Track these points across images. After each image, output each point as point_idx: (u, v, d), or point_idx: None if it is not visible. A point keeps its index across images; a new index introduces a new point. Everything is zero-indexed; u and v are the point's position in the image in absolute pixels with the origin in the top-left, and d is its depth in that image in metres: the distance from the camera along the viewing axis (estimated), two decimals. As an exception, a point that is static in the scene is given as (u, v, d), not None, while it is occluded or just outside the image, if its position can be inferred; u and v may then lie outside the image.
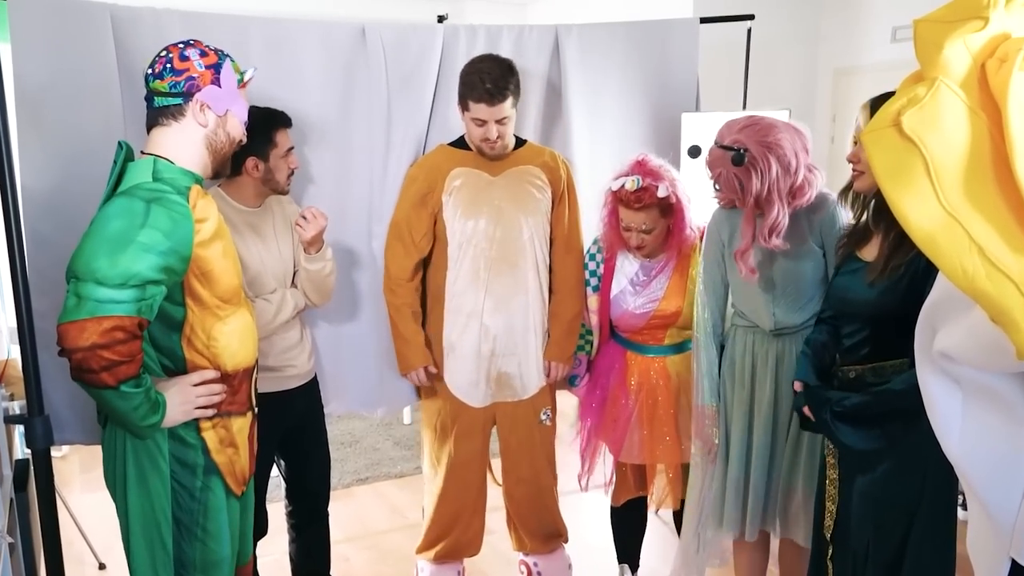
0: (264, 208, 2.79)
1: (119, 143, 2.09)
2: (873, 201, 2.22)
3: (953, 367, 1.47)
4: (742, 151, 2.44)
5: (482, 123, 2.87)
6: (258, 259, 2.72)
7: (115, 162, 2.05)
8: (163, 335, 2.05)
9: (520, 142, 3.10)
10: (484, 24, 3.31)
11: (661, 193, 2.79)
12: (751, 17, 3.81)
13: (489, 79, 2.81)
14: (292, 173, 2.78)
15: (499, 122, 2.87)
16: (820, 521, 2.43)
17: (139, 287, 1.89)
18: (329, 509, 3.13)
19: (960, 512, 3.84)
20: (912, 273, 2.11)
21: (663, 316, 2.95)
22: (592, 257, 3.10)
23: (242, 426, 2.22)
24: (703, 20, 3.67)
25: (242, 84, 2.15)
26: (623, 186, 2.82)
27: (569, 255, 3.10)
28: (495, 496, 3.31)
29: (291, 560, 3.14)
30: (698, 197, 3.00)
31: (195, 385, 2.08)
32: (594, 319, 3.09)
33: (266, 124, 2.67)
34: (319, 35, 3.03)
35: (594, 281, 3.07)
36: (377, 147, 3.17)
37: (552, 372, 3.12)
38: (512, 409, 3.13)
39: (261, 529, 2.94)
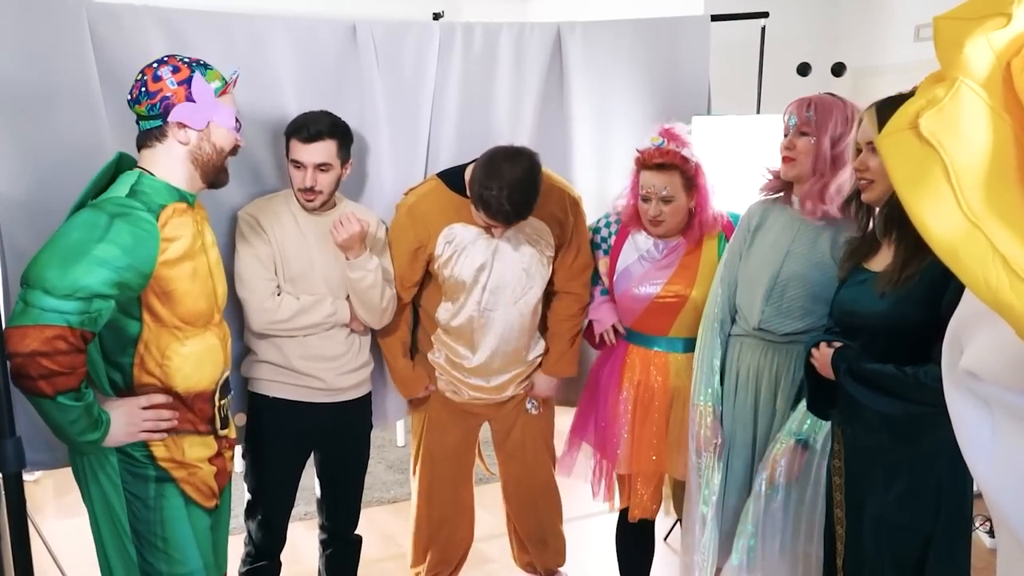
0: (332, 214, 2.86)
1: (118, 154, 2.20)
2: (886, 210, 2.21)
3: (981, 387, 1.46)
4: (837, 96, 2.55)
5: (484, 222, 2.87)
6: (306, 259, 2.82)
7: (105, 168, 2.16)
8: (116, 348, 2.14)
9: None
10: (482, 22, 3.32)
11: (685, 153, 2.84)
12: (765, 15, 3.81)
13: (509, 203, 2.73)
14: (310, 190, 2.79)
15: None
16: (830, 549, 2.41)
17: (85, 299, 1.95)
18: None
19: (987, 539, 3.85)
20: (928, 281, 2.10)
21: (665, 299, 2.93)
22: (607, 224, 3.10)
23: (199, 447, 2.26)
24: (714, 18, 3.67)
25: (222, 91, 2.21)
26: (647, 146, 2.88)
27: (575, 281, 3.10)
28: (496, 525, 3.29)
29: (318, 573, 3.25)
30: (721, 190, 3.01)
31: (144, 408, 2.15)
32: (606, 281, 3.10)
33: (287, 128, 2.81)
34: (306, 33, 3.03)
35: (605, 246, 3.09)
36: (372, 153, 3.17)
37: (544, 386, 3.13)
38: (502, 405, 3.16)
39: (277, 547, 3.02)
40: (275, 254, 2.80)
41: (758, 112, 3.92)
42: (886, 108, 2.15)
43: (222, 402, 2.35)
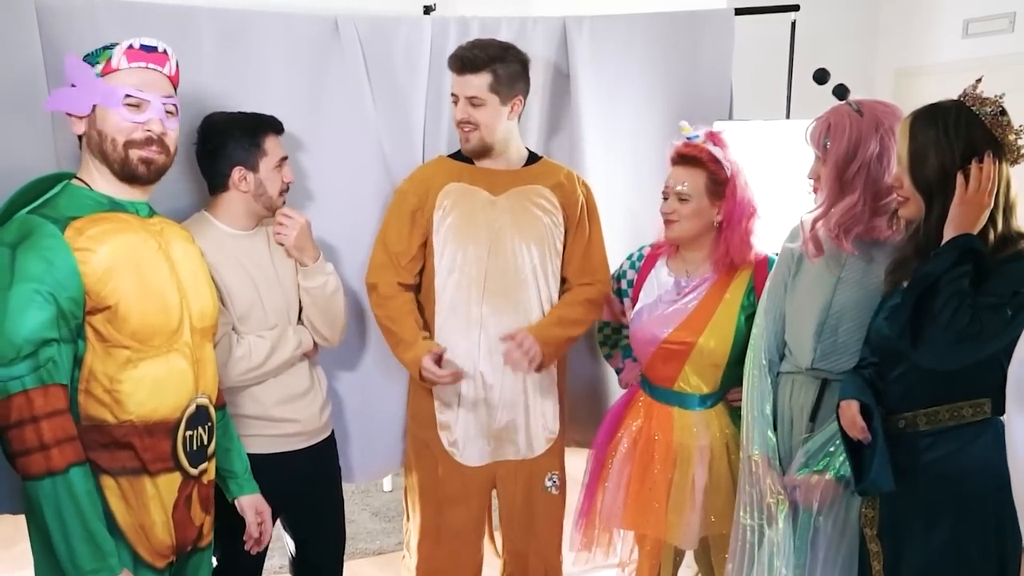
0: (259, 232, 2.82)
1: (57, 175, 2.21)
2: (923, 229, 2.20)
3: None
4: (854, 104, 2.50)
5: (456, 100, 2.93)
6: (251, 290, 2.73)
7: (27, 187, 2.14)
8: None
9: (534, 158, 3.11)
10: (479, 16, 3.32)
11: (715, 152, 2.84)
12: (796, 8, 3.79)
13: (467, 48, 2.89)
14: (286, 189, 2.81)
15: (471, 102, 2.90)
16: None
17: (31, 355, 1.96)
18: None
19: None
20: None
21: (670, 345, 2.91)
22: (632, 265, 3.12)
23: (160, 489, 2.20)
24: (739, 11, 3.66)
25: (105, 70, 2.18)
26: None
27: (590, 284, 3.07)
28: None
29: None
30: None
31: None
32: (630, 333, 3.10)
33: (252, 129, 2.73)
34: (282, 29, 3.03)
35: (631, 292, 3.10)
36: (360, 161, 3.17)
37: (516, 340, 2.91)
38: (514, 470, 3.10)
39: None
40: (220, 293, 2.68)
41: (787, 117, 3.90)
42: (920, 121, 2.15)
43: (188, 433, 2.26)
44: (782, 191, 3.15)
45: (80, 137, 2.22)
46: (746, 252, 2.91)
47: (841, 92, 2.53)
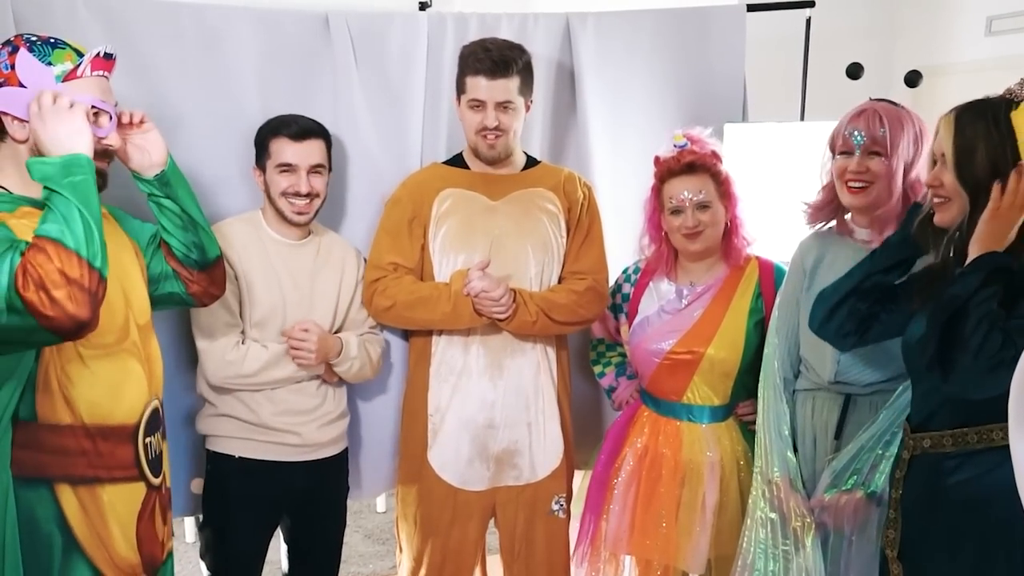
0: (307, 244, 2.87)
1: None
2: (959, 235, 2.17)
3: None
4: (888, 101, 2.53)
5: (479, 106, 2.86)
6: (277, 299, 2.78)
7: None
8: (4, 372, 2.00)
9: (532, 162, 3.09)
10: (478, 12, 3.31)
11: (714, 148, 2.87)
12: (811, 4, 3.78)
13: (495, 49, 2.84)
14: (296, 196, 2.78)
15: (500, 107, 2.86)
16: None
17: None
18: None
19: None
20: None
21: (678, 355, 2.88)
22: (628, 279, 3.10)
23: (118, 498, 2.15)
24: (751, 8, 3.65)
25: (70, 74, 2.05)
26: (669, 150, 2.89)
27: (581, 278, 3.02)
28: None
29: None
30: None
31: None
32: (628, 349, 3.08)
33: (264, 128, 2.82)
34: (268, 26, 3.03)
35: (626, 307, 3.07)
36: (353, 167, 3.15)
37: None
38: (516, 495, 3.06)
39: None
40: (241, 293, 2.75)
41: (802, 119, 3.88)
42: (967, 114, 2.10)
43: (148, 440, 2.23)
44: (796, 196, 3.12)
45: None
46: (745, 253, 2.95)
47: (854, 71, 2.51)
